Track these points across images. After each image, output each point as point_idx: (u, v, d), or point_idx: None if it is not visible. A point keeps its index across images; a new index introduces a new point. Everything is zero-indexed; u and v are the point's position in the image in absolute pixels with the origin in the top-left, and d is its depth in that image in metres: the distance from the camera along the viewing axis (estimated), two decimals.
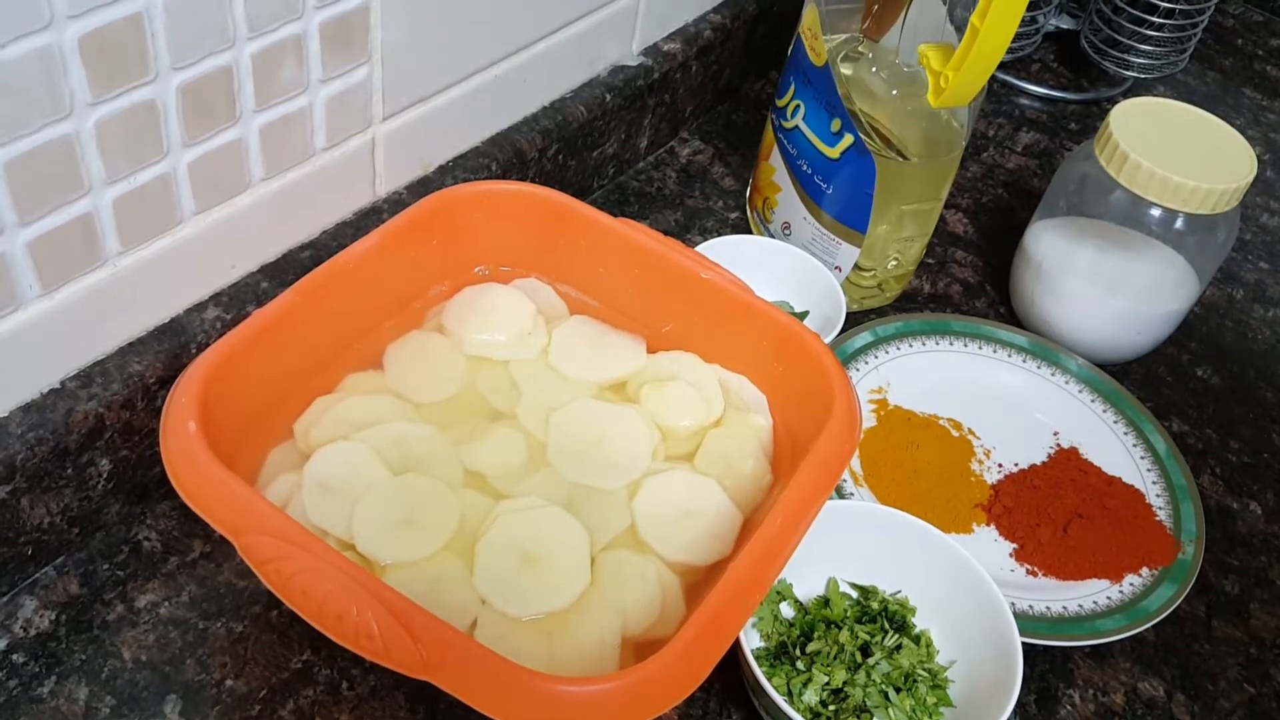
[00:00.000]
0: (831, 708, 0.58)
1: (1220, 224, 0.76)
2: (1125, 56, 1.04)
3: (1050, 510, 0.70)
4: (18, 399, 0.57)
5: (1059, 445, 0.76)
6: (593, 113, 0.81)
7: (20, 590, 0.59)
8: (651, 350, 0.66)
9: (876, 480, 0.71)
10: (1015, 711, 0.60)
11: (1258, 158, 0.75)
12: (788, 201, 0.81)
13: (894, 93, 0.73)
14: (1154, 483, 0.73)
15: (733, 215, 0.89)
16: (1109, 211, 0.78)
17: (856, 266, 0.79)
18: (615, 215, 0.66)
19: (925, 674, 0.59)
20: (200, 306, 0.63)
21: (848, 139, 0.73)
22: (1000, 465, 0.74)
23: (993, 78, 0.89)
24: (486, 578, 0.53)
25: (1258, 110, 1.11)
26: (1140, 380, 0.83)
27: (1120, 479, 0.73)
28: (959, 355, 0.80)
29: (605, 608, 0.54)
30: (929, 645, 0.61)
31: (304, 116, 0.62)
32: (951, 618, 0.61)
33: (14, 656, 0.57)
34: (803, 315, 0.77)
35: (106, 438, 0.59)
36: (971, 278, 0.88)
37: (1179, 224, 0.76)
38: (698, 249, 0.71)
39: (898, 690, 0.58)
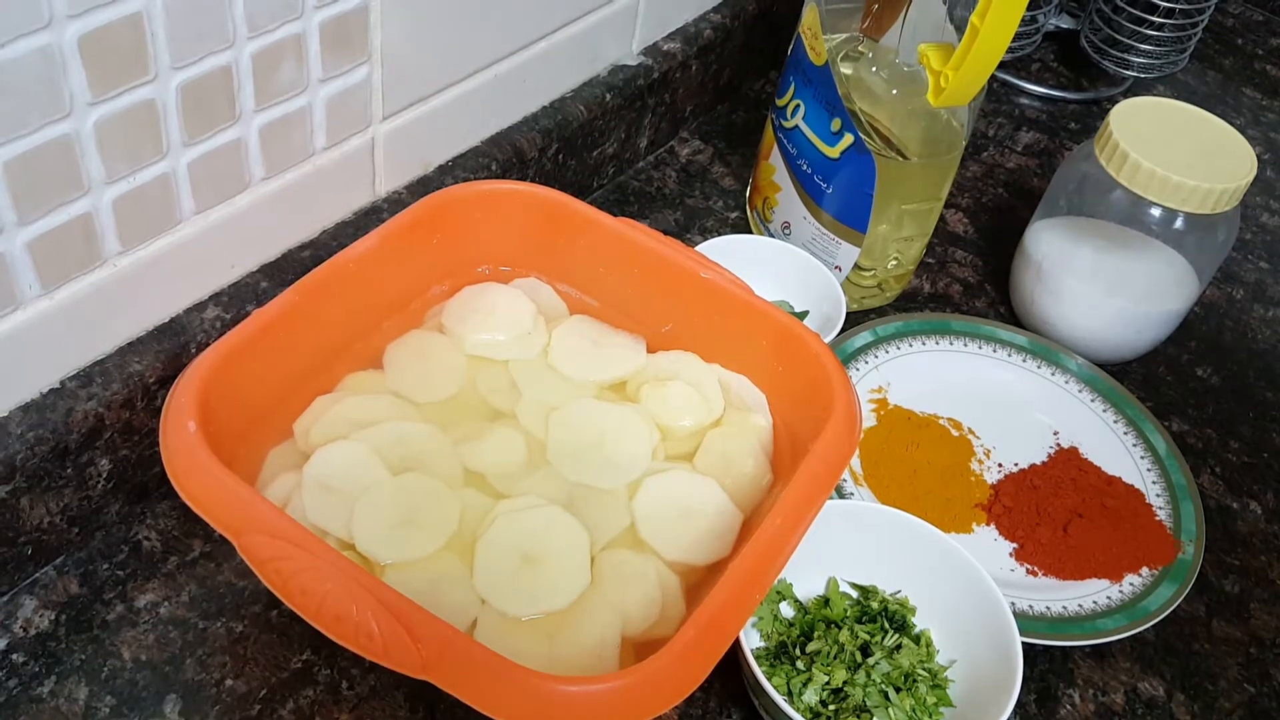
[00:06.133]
0: (831, 707, 0.58)
1: (1220, 223, 0.76)
2: (1125, 56, 1.04)
3: (1050, 510, 0.70)
4: (17, 399, 0.57)
5: (1059, 445, 0.76)
6: (592, 112, 0.81)
7: (20, 590, 0.59)
8: (651, 350, 0.66)
9: (876, 480, 0.71)
10: (1015, 711, 0.60)
11: (1258, 157, 0.75)
12: (788, 201, 0.81)
13: (894, 92, 0.73)
14: (1154, 482, 0.73)
15: (733, 215, 0.89)
16: (1109, 211, 0.78)
17: (856, 266, 0.79)
18: (615, 215, 0.66)
19: (925, 674, 0.59)
20: (200, 306, 0.63)
21: (848, 138, 0.73)
22: (1000, 465, 0.74)
23: (993, 77, 0.89)
24: (486, 578, 0.53)
25: (1258, 110, 1.11)
26: (1140, 380, 0.83)
27: (1120, 479, 0.73)
28: (959, 355, 0.79)
29: (605, 608, 0.54)
30: (929, 645, 0.61)
31: (304, 116, 0.62)
32: (951, 618, 0.61)
33: (14, 656, 0.57)
34: (803, 315, 0.77)
35: (106, 437, 0.59)
36: (971, 277, 0.88)
37: (1179, 223, 0.76)
38: (698, 248, 0.71)
39: (898, 690, 0.58)
